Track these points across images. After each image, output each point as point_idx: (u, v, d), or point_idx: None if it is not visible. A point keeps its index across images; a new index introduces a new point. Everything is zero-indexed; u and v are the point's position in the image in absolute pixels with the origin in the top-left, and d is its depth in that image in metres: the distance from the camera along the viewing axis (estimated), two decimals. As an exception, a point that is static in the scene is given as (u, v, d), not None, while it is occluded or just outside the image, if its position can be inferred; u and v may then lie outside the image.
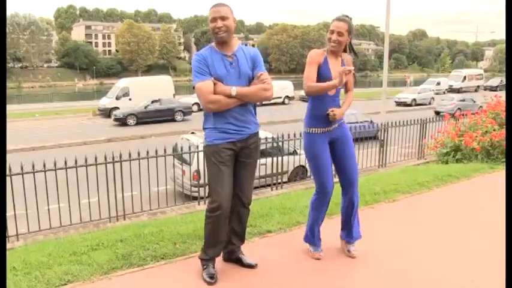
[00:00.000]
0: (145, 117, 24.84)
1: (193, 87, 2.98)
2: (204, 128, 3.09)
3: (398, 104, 33.33)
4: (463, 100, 28.59)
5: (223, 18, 2.91)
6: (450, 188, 5.79)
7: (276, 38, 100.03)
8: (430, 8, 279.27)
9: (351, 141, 3.41)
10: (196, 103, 27.24)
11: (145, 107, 25.22)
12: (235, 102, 2.94)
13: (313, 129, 3.32)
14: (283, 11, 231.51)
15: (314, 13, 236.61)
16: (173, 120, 25.46)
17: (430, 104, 33.98)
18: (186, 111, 26.46)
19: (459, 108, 22.87)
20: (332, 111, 3.22)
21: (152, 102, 25.56)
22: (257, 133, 3.15)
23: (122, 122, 24.54)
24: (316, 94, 3.22)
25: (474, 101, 27.90)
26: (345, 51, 3.32)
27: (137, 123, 24.39)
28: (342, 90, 3.39)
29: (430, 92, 36.49)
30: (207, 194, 3.15)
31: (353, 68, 3.15)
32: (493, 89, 43.15)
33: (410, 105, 33.06)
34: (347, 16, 3.25)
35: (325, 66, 3.24)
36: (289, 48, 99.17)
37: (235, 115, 2.99)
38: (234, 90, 2.93)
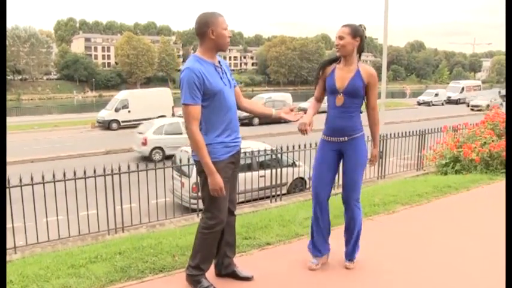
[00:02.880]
0: None
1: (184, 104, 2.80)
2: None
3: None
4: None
5: None
6: (449, 199, 5.79)
7: (274, 50, 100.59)
8: (427, 19, 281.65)
9: (358, 157, 3.27)
10: None
11: None
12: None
13: (324, 136, 3.37)
14: (282, 23, 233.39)
15: (312, 25, 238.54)
16: None
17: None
18: None
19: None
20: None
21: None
22: None
23: None
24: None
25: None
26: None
27: None
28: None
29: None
30: (204, 210, 3.02)
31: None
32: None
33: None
34: (359, 25, 3.23)
35: (331, 76, 3.28)
36: (288, 60, 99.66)
37: (234, 127, 2.98)
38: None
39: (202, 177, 2.93)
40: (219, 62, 2.97)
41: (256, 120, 27.72)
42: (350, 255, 3.49)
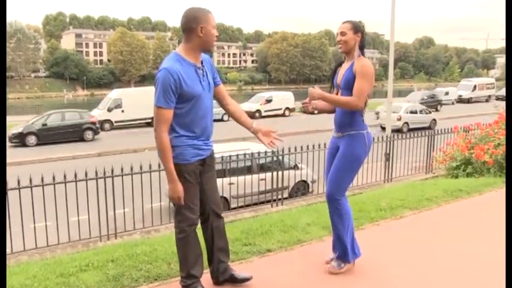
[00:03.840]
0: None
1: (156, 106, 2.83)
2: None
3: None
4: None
5: None
6: (460, 203, 5.79)
7: (275, 46, 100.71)
8: (437, 14, 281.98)
9: (345, 154, 3.37)
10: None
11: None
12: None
13: (333, 132, 3.56)
14: (283, 18, 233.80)
15: (316, 21, 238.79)
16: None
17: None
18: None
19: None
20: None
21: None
22: None
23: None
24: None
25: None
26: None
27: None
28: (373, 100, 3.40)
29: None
30: (176, 212, 3.05)
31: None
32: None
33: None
34: (359, 21, 3.42)
35: (336, 73, 3.53)
36: (290, 57, 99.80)
37: (207, 132, 3.02)
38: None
39: (180, 181, 2.94)
40: (202, 61, 2.96)
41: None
42: (337, 258, 3.51)
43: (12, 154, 18.75)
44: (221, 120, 23.02)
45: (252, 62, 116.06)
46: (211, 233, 3.16)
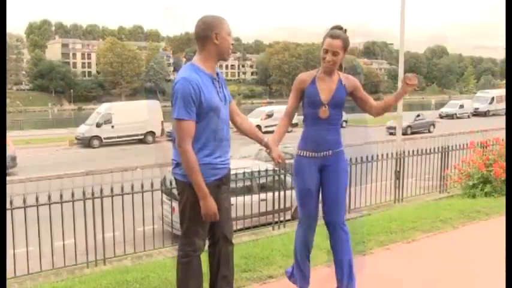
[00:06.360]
0: None
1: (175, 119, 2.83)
2: (179, 163, 2.93)
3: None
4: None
5: None
6: (478, 225, 5.78)
7: (276, 57, 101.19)
8: (450, 21, 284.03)
9: (341, 175, 3.40)
10: None
11: None
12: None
13: (303, 151, 3.43)
14: (285, 27, 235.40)
15: (320, 29, 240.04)
16: None
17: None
18: None
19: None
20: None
21: None
22: None
23: None
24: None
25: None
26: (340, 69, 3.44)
27: None
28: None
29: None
30: (182, 236, 3.05)
31: None
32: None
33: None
34: (340, 28, 3.37)
35: (312, 87, 3.39)
36: (292, 69, 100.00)
37: (225, 148, 3.02)
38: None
39: (184, 198, 2.96)
40: (217, 74, 3.01)
41: None
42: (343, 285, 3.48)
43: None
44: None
45: (252, 74, 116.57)
46: (217, 259, 3.14)
